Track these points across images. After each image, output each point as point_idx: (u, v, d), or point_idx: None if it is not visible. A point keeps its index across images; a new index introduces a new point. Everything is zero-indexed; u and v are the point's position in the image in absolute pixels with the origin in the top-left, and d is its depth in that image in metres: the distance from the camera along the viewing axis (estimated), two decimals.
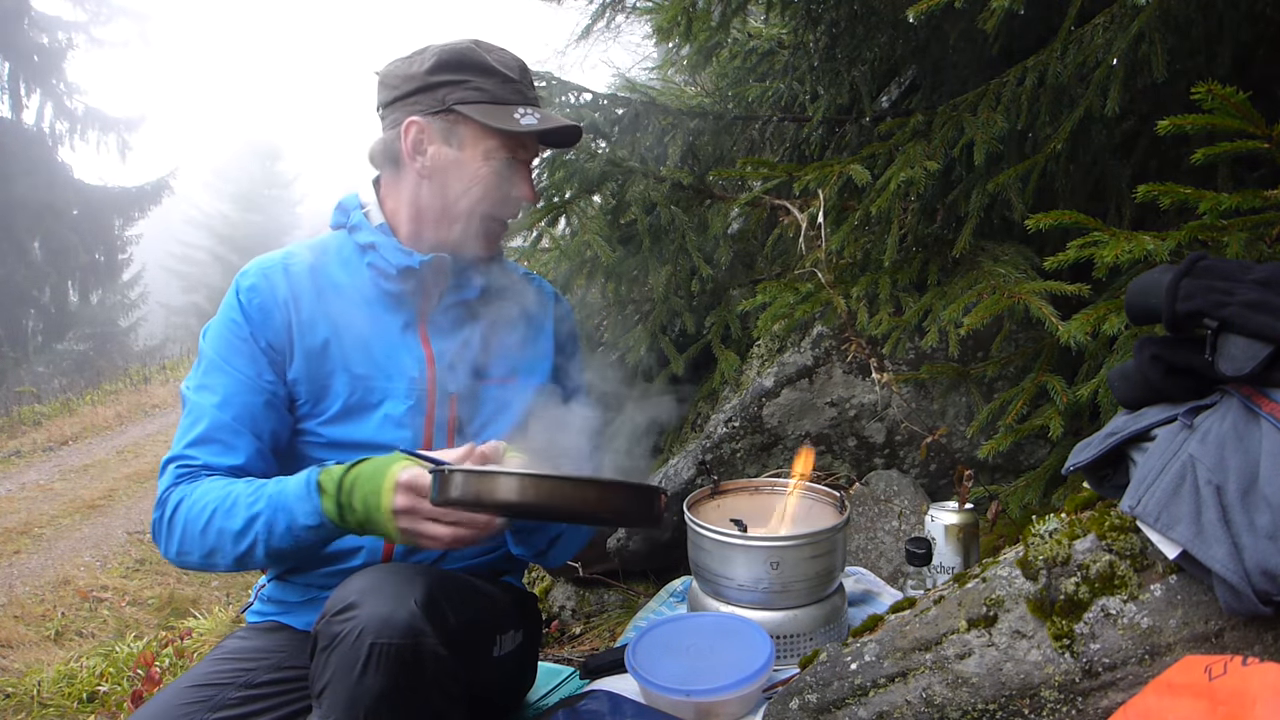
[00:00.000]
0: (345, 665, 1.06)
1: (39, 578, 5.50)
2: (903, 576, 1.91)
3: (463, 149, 1.47)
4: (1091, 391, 1.68)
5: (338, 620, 1.09)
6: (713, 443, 2.27)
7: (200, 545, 1.30)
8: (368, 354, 1.46)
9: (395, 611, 1.08)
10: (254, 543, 1.27)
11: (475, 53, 1.47)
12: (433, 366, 1.48)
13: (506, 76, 1.47)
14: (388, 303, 1.49)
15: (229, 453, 1.37)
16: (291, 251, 1.52)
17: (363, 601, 1.10)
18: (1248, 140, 1.35)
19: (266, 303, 1.43)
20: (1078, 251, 1.51)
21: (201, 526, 1.29)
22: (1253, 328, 1.00)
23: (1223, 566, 0.94)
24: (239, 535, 1.27)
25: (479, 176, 1.47)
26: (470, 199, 1.48)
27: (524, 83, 1.50)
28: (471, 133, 1.46)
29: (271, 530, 1.26)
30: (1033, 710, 1.08)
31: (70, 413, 11.81)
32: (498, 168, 1.47)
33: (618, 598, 2.55)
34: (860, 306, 2.08)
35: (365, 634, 1.06)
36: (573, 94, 2.85)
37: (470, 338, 1.53)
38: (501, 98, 1.46)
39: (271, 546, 1.27)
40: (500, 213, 1.52)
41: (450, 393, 1.49)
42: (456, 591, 1.26)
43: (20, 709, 3.51)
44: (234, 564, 1.30)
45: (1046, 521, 1.19)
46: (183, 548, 1.32)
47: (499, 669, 1.42)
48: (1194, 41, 1.79)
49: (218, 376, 1.41)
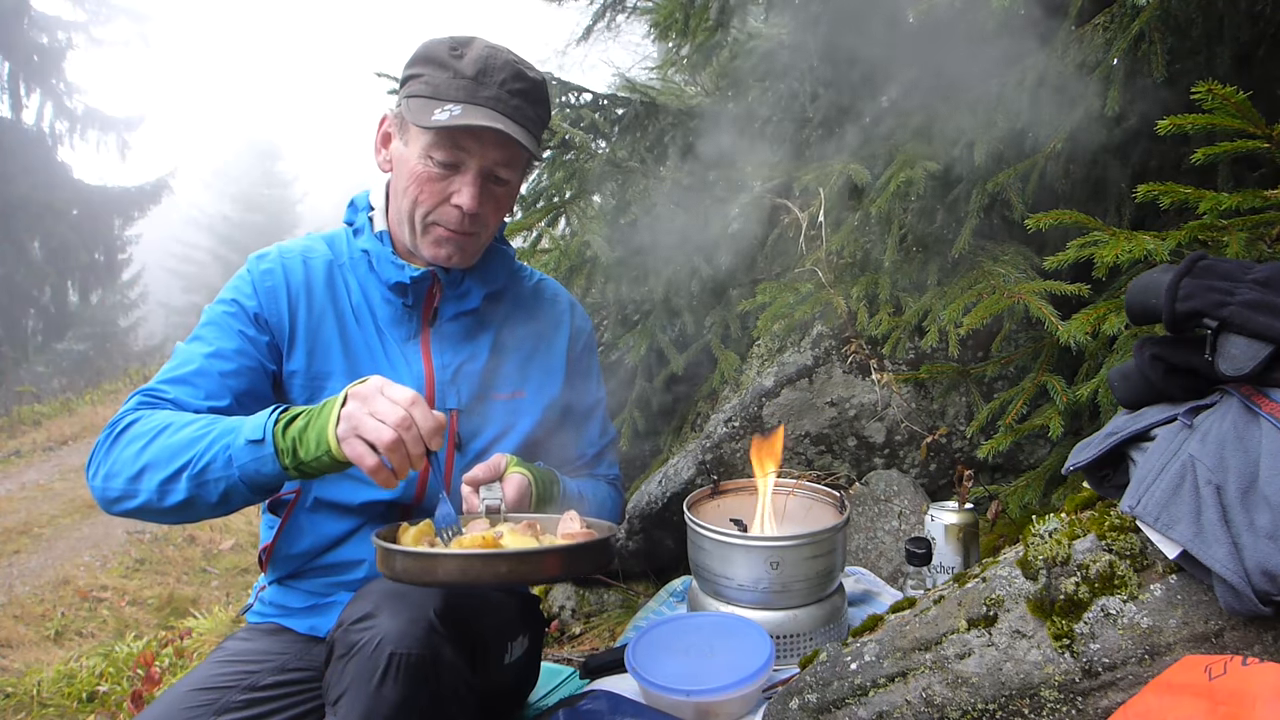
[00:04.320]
0: (364, 674, 1.06)
1: (39, 578, 5.51)
2: (903, 576, 1.91)
3: (408, 145, 1.41)
4: (1091, 391, 1.68)
5: (356, 629, 1.09)
6: (713, 443, 2.27)
7: (132, 462, 1.21)
8: (369, 363, 1.43)
9: (414, 621, 1.08)
10: (187, 464, 1.17)
11: (439, 45, 1.40)
12: (432, 381, 1.45)
13: (457, 71, 1.36)
14: (391, 312, 1.47)
15: (204, 399, 1.30)
16: (310, 245, 1.50)
17: (381, 610, 1.09)
18: (1248, 140, 1.35)
19: (277, 287, 1.42)
20: (1078, 251, 1.51)
21: (145, 443, 1.21)
22: (1253, 328, 1.00)
23: (1223, 566, 0.94)
24: (176, 452, 1.18)
25: (414, 174, 1.39)
26: (409, 199, 1.41)
27: (480, 81, 1.36)
28: (414, 129, 1.39)
29: (212, 455, 1.16)
30: (1033, 710, 1.08)
31: (70, 413, 11.81)
32: (433, 168, 1.38)
33: (618, 598, 2.55)
34: (860, 306, 2.08)
35: (385, 643, 1.06)
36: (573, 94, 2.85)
37: (476, 351, 1.50)
38: (442, 93, 1.36)
39: (201, 474, 1.17)
40: (439, 218, 1.40)
41: (451, 409, 1.45)
42: (470, 600, 1.26)
43: (20, 709, 3.51)
44: (156, 491, 1.19)
45: (1046, 521, 1.19)
46: (112, 468, 1.23)
47: (509, 675, 1.42)
48: (1194, 41, 1.80)
49: (213, 332, 1.37)
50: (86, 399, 12.76)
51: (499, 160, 1.40)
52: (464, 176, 1.39)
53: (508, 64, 1.39)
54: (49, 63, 15.59)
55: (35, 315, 15.57)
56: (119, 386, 13.88)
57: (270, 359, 1.40)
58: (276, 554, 1.46)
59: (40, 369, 15.61)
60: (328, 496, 1.42)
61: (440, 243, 1.42)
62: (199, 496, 1.19)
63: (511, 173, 1.44)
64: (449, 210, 1.40)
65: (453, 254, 1.43)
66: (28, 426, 11.11)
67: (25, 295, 15.13)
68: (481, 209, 1.41)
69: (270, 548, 1.46)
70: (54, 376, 15.42)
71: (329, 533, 1.43)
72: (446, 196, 1.39)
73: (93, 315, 17.32)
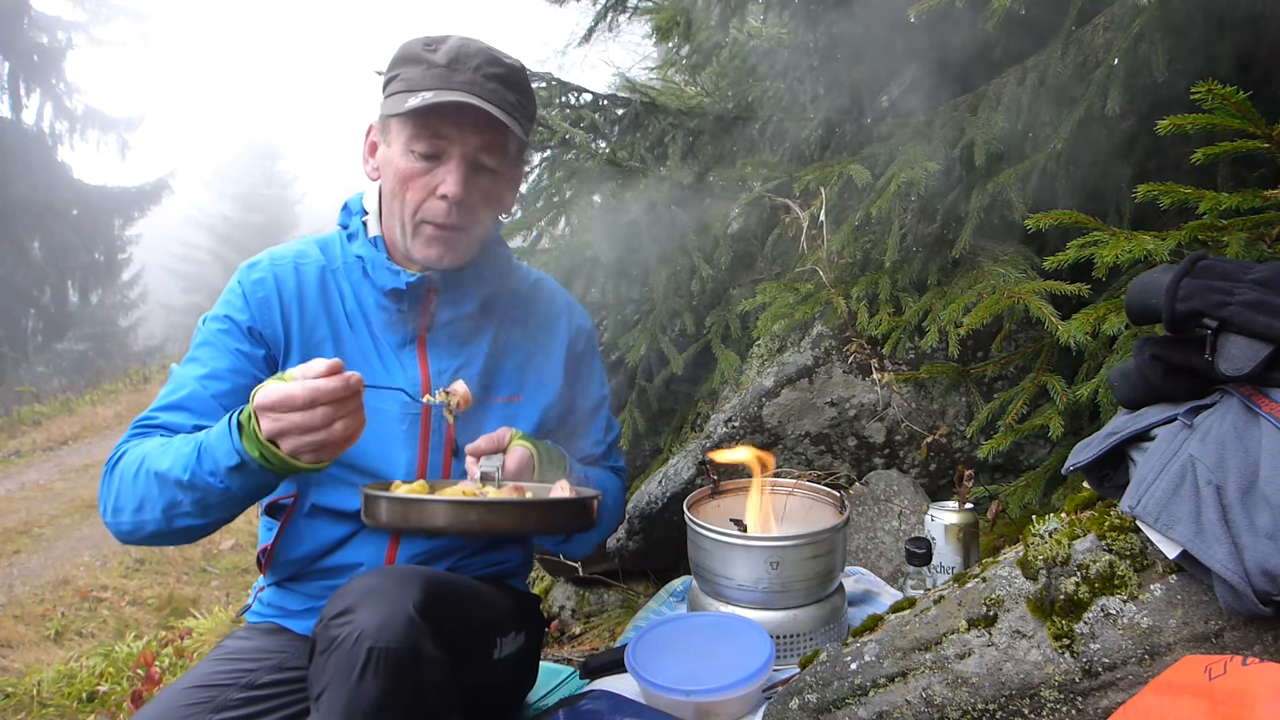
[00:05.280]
0: (343, 669, 1.06)
1: (39, 578, 5.51)
2: (903, 576, 1.91)
3: (390, 145, 1.40)
4: (1091, 391, 1.68)
5: (335, 624, 1.09)
6: (713, 443, 2.27)
7: (132, 495, 1.23)
8: (363, 370, 1.38)
9: (393, 615, 1.08)
10: (180, 487, 1.18)
11: (414, 44, 1.39)
12: (429, 387, 1.44)
13: (431, 64, 1.34)
14: (386, 318, 1.46)
15: (200, 421, 1.31)
16: (303, 250, 1.49)
17: (360, 605, 1.09)
18: (1248, 140, 1.35)
19: (270, 297, 1.41)
20: (1078, 251, 1.51)
21: (134, 473, 1.23)
22: (1253, 328, 1.00)
23: (1223, 566, 0.94)
24: (165, 479, 1.20)
25: (399, 172, 1.37)
26: (398, 199, 1.39)
27: (453, 68, 1.34)
28: (394, 127, 1.38)
29: (197, 474, 1.17)
30: (1033, 710, 1.08)
31: (70, 413, 11.81)
32: (415, 161, 1.36)
33: (618, 598, 2.55)
34: (860, 306, 2.08)
35: (363, 638, 1.06)
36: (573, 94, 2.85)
37: (473, 355, 1.49)
38: (416, 85, 1.33)
39: (199, 494, 1.18)
40: (427, 214, 1.38)
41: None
42: (454, 594, 1.25)
43: (20, 709, 3.52)
44: (162, 518, 1.21)
45: (1046, 521, 1.19)
46: (117, 503, 1.25)
47: (499, 671, 1.41)
48: (1194, 41, 1.80)
49: (207, 352, 1.38)
50: (86, 399, 12.76)
51: (480, 145, 1.37)
52: (447, 165, 1.36)
53: (481, 50, 1.37)
54: (49, 63, 15.60)
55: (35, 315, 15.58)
56: (119, 386, 13.88)
57: (266, 372, 1.40)
58: (275, 558, 1.46)
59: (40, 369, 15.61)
60: (325, 503, 1.42)
61: (430, 242, 1.40)
62: (205, 519, 1.24)
63: (497, 159, 1.40)
64: (435, 204, 1.37)
65: (444, 253, 1.41)
66: (28, 426, 11.12)
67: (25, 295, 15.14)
68: (469, 198, 1.38)
69: (269, 551, 1.46)
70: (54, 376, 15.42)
71: (327, 538, 1.43)
72: (433, 189, 1.37)
73: (93, 315, 17.33)
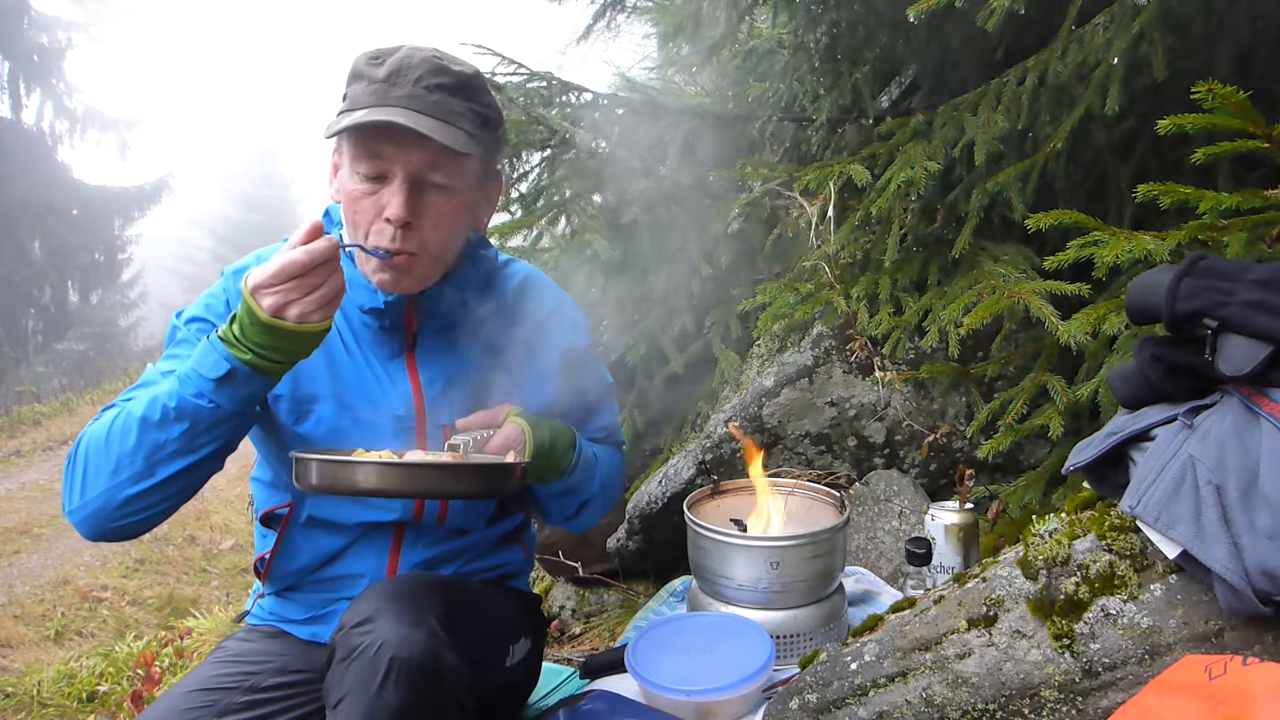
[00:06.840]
0: (364, 678, 1.06)
1: (39, 577, 5.50)
2: (903, 576, 1.91)
3: (343, 167, 1.32)
4: (1091, 391, 1.68)
5: (357, 632, 1.09)
6: (713, 443, 2.26)
7: (105, 460, 1.17)
8: (355, 383, 1.37)
9: (415, 626, 1.08)
10: (165, 424, 1.14)
11: (361, 58, 1.31)
12: (421, 398, 1.40)
13: (371, 79, 1.26)
14: (371, 334, 1.40)
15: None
16: None
17: (381, 615, 1.09)
18: (1248, 140, 1.35)
19: None
20: (1078, 251, 1.51)
21: (104, 439, 1.17)
22: (1253, 328, 1.00)
23: (1223, 566, 0.94)
24: (147, 421, 1.15)
25: (347, 194, 1.30)
26: (350, 223, 1.31)
27: (391, 82, 1.25)
28: (343, 147, 1.31)
29: (183, 400, 1.14)
30: (1033, 710, 1.08)
31: (70, 412, 11.79)
32: (360, 183, 1.28)
33: (618, 598, 2.55)
34: (860, 306, 2.08)
35: (385, 648, 1.06)
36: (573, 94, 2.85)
37: (463, 363, 1.44)
38: (356, 102, 1.26)
39: (186, 422, 1.14)
40: (375, 238, 1.28)
41: (442, 425, 1.40)
42: (471, 605, 1.25)
43: (20, 709, 3.52)
44: (144, 467, 1.16)
45: (1046, 521, 1.19)
46: (85, 481, 1.19)
47: (510, 677, 1.42)
48: (1194, 41, 1.80)
49: (186, 350, 1.28)
50: (87, 399, 12.75)
51: (425, 163, 1.26)
52: (390, 187, 1.26)
53: (425, 60, 1.27)
54: (49, 63, 15.60)
55: (35, 315, 15.58)
56: (119, 386, 13.86)
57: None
58: (274, 569, 1.44)
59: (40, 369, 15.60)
60: (321, 514, 1.39)
61: (381, 269, 1.30)
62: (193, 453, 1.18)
63: (447, 176, 1.28)
64: (382, 227, 1.27)
65: (397, 280, 1.31)
66: (28, 426, 11.10)
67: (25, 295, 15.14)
68: (416, 221, 1.27)
69: (267, 561, 1.44)
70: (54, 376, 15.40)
71: (325, 548, 1.41)
72: (379, 211, 1.27)
73: (93, 315, 17.33)
